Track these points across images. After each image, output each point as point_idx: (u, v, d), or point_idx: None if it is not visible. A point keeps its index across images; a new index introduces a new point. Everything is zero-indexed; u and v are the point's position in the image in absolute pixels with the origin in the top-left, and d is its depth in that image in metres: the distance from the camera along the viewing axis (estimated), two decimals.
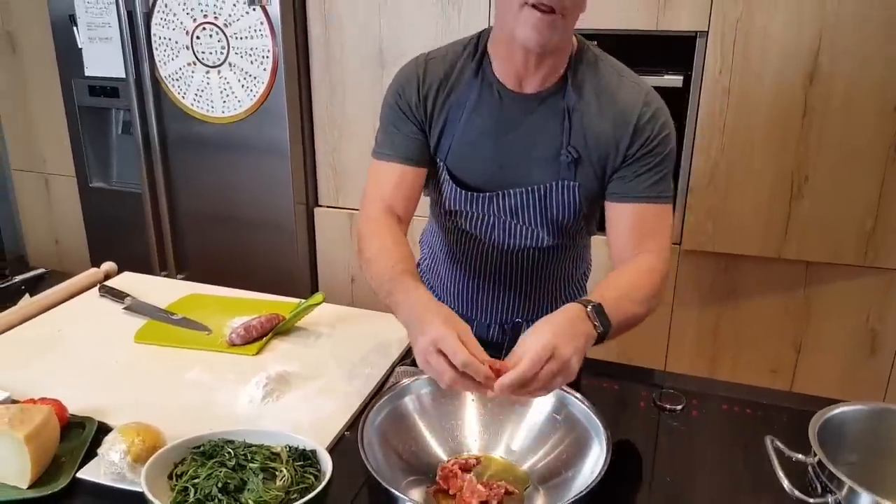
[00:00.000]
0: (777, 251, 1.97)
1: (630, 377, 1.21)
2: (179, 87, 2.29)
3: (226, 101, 2.24)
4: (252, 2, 2.09)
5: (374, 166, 1.20)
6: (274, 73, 2.15)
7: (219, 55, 2.19)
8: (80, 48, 2.40)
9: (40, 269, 1.64)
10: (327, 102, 2.28)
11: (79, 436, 0.96)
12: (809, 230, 1.93)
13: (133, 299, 1.41)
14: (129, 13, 2.23)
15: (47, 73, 2.60)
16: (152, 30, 2.25)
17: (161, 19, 2.23)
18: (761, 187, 1.93)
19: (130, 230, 2.52)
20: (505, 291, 1.32)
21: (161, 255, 2.48)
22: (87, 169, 2.57)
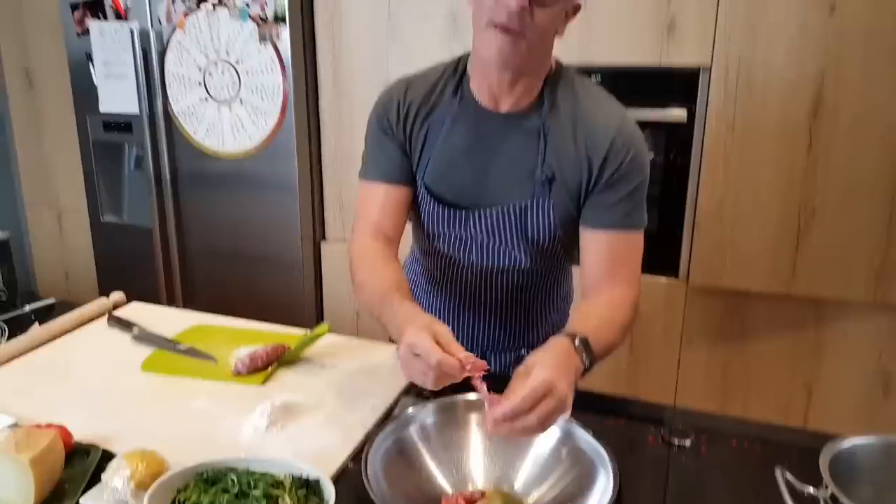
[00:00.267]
0: (786, 287, 1.95)
1: (637, 413, 1.19)
2: (191, 122, 2.33)
3: (236, 137, 2.28)
4: (263, 38, 2.14)
5: (362, 188, 1.24)
6: (284, 108, 2.19)
7: (230, 91, 2.24)
8: (96, 85, 2.46)
9: (50, 299, 1.65)
10: (336, 137, 2.31)
11: (83, 462, 0.95)
12: (818, 265, 1.91)
13: (140, 329, 1.42)
14: (144, 51, 2.29)
15: (63, 108, 2.66)
16: (166, 66, 2.31)
17: (175, 57, 2.28)
18: (768, 221, 1.93)
19: (139, 264, 2.55)
20: (487, 316, 1.32)
21: (169, 289, 2.50)
22: (99, 204, 2.61)
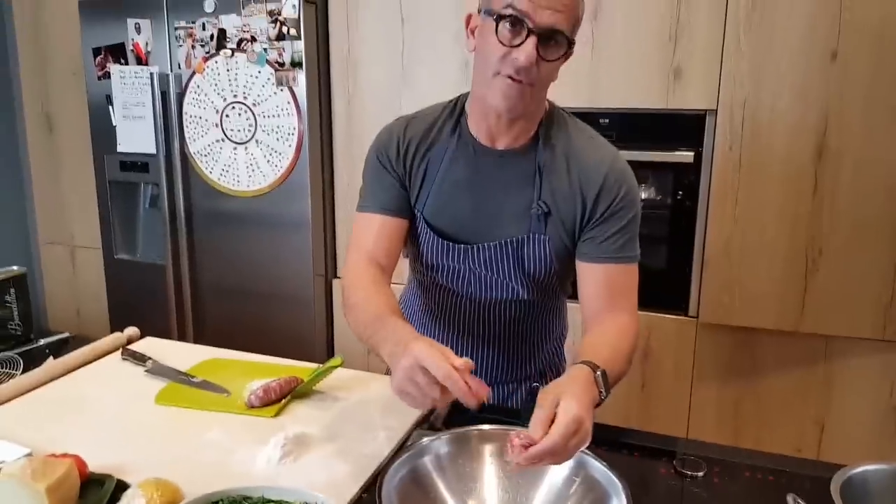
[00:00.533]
0: (794, 324, 1.96)
1: (650, 444, 1.19)
2: (207, 162, 2.38)
3: (251, 176, 2.33)
4: (280, 83, 2.20)
5: (357, 219, 1.26)
6: (298, 149, 2.24)
7: (246, 132, 2.30)
8: (114, 125, 2.52)
9: (64, 333, 1.67)
10: (349, 176, 2.36)
11: (97, 491, 0.95)
12: (826, 303, 1.92)
13: (154, 362, 1.43)
14: (163, 93, 2.35)
15: (81, 149, 2.72)
16: (184, 108, 2.37)
17: (193, 99, 2.35)
18: (776, 260, 1.95)
19: (151, 301, 2.57)
20: (485, 348, 1.34)
21: (180, 325, 2.51)
22: (114, 241, 2.65)
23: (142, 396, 1.29)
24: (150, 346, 1.56)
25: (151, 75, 2.36)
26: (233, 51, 2.26)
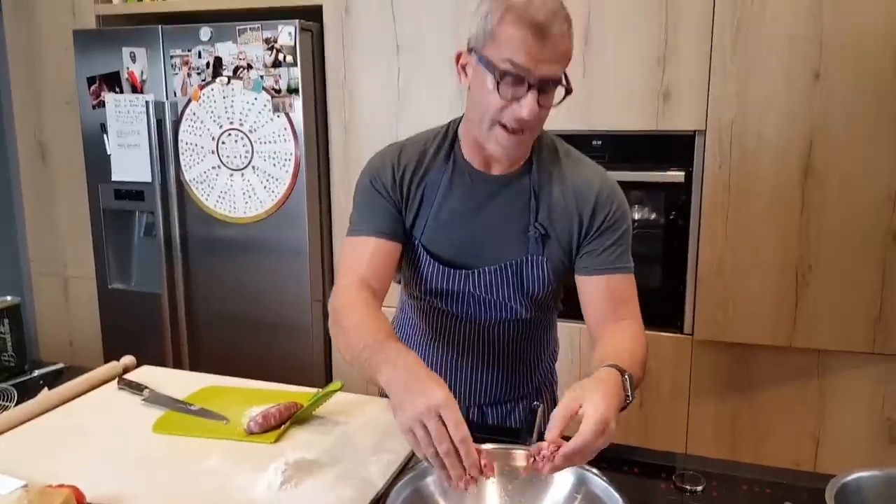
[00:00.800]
0: (788, 340, 1.98)
1: (649, 460, 1.19)
2: (203, 189, 2.39)
3: (248, 202, 2.33)
4: (277, 109, 2.22)
5: (348, 243, 1.25)
6: (295, 175, 2.26)
7: (243, 159, 2.31)
8: (109, 154, 2.52)
9: (58, 364, 1.66)
10: (346, 202, 2.37)
11: None
12: (818, 318, 1.95)
13: (151, 391, 1.42)
14: (159, 121, 2.36)
15: (74, 178, 2.72)
16: (179, 136, 2.38)
17: (189, 126, 2.36)
18: (767, 277, 1.97)
19: (146, 330, 2.55)
20: (483, 367, 1.34)
21: (176, 354, 2.50)
22: (107, 271, 2.64)
23: (139, 425, 1.28)
24: (146, 374, 1.55)
25: (147, 103, 2.37)
26: (229, 78, 2.28)
